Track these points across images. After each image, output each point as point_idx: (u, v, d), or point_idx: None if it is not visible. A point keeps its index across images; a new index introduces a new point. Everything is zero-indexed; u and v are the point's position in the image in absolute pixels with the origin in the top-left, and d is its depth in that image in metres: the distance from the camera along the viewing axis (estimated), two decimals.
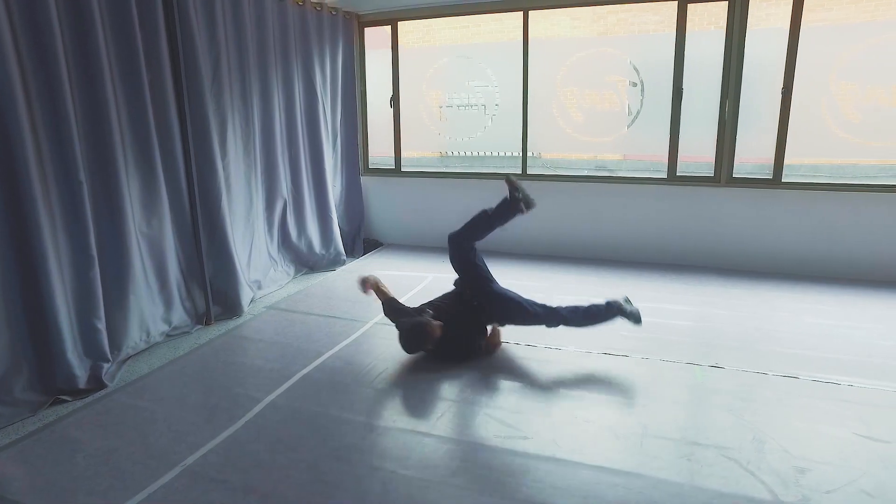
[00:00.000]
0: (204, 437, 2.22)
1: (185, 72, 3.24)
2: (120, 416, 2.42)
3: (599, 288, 4.01)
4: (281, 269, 4.39)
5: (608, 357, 2.94)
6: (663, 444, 2.17)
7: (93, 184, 2.80)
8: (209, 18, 3.45)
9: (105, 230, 2.88)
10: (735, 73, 4.11)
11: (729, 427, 2.28)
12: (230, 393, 2.58)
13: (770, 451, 2.12)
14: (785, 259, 4.26)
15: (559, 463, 2.06)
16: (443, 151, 9.25)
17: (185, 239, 3.40)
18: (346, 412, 2.41)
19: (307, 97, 4.49)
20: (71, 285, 2.70)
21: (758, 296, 3.83)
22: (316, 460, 2.07)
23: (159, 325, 3.22)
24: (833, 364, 2.82)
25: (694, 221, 4.44)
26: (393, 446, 2.17)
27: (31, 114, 2.50)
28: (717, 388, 2.62)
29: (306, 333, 3.29)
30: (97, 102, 2.77)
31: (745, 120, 4.20)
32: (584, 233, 4.77)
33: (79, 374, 2.66)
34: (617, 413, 2.40)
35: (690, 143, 4.41)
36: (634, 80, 4.54)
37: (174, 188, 3.29)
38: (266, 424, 2.32)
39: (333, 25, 4.74)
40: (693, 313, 3.53)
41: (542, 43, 4.82)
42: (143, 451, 2.14)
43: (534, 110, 4.79)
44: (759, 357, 2.92)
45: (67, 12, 2.64)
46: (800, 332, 3.21)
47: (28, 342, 2.57)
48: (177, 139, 3.25)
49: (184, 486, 1.94)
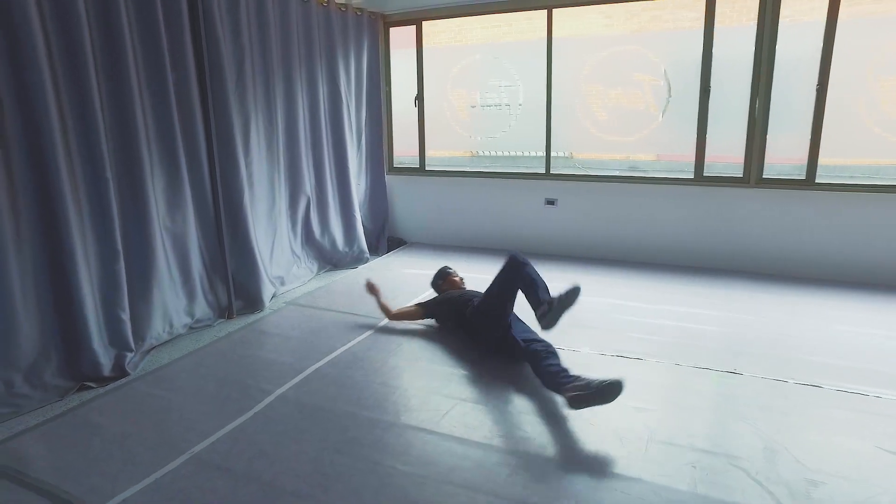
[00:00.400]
0: (213, 427, 2.29)
1: (210, 74, 3.35)
2: (138, 403, 2.52)
3: (621, 289, 3.94)
4: (304, 265, 4.48)
5: (622, 360, 2.88)
6: (669, 450, 2.12)
7: (119, 181, 2.93)
8: (234, 22, 3.55)
9: (130, 225, 3.00)
10: (766, 69, 3.97)
11: (741, 435, 2.21)
12: (243, 385, 2.65)
13: (782, 461, 2.04)
14: (817, 263, 4.08)
15: (558, 465, 2.03)
16: (473, 151, 9.27)
17: (209, 235, 3.51)
18: (353, 407, 2.44)
19: (331, 97, 4.57)
20: (97, 278, 2.83)
21: (786, 301, 3.68)
22: (318, 453, 2.11)
23: (182, 318, 3.33)
24: (861, 374, 2.69)
25: (721, 223, 4.30)
26: (395, 442, 2.19)
27: (62, 115, 2.63)
28: (733, 394, 2.53)
29: (322, 329, 3.35)
30: (124, 104, 2.89)
31: (776, 118, 4.04)
32: (607, 233, 4.69)
33: (103, 362, 2.78)
34: (625, 417, 2.35)
35: (720, 142, 4.28)
36: (661, 78, 4.43)
37: (198, 186, 3.40)
38: (274, 416, 2.38)
39: (358, 26, 4.81)
40: (716, 317, 3.42)
41: (569, 41, 4.76)
42: (156, 438, 2.22)
43: (559, 109, 4.74)
44: (782, 364, 2.81)
45: (97, 18, 2.76)
46: (828, 340, 3.08)
47: (57, 331, 2.71)
48: (201, 139, 3.36)
49: (190, 473, 2.00)
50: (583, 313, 3.52)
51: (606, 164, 5.80)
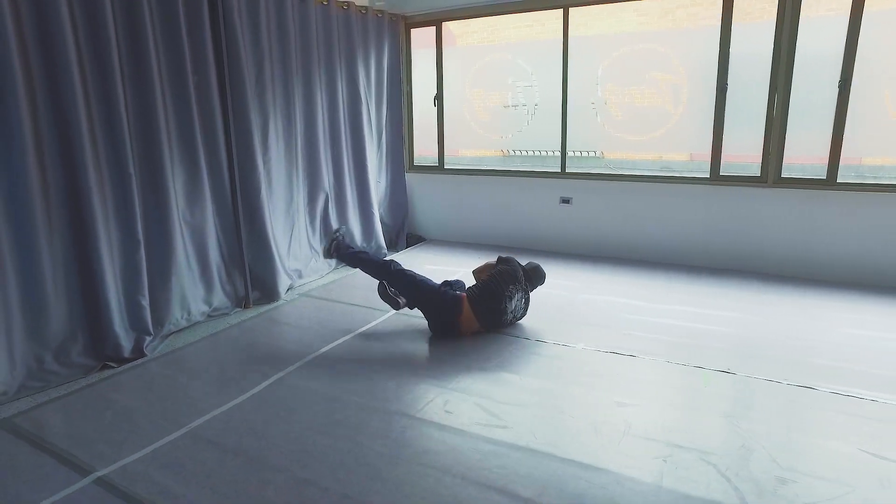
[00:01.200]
0: (212, 405, 2.46)
1: (229, 76, 3.55)
2: (149, 381, 2.72)
3: (631, 288, 3.93)
4: (323, 259, 4.65)
5: (615, 356, 2.90)
6: (644, 444, 2.14)
7: (141, 177, 3.15)
8: (253, 26, 3.74)
9: (151, 218, 3.22)
10: (785, 65, 3.87)
11: (720, 433, 2.21)
12: (246, 368, 2.82)
13: (757, 459, 2.03)
14: (836, 266, 3.95)
15: (530, 453, 2.09)
16: (505, 150, 9.30)
17: (227, 228, 3.72)
18: (343, 392, 2.57)
19: (351, 97, 4.72)
20: (119, 266, 3.06)
21: (799, 303, 3.59)
22: (303, 433, 2.24)
23: (200, 306, 3.55)
24: (862, 377, 2.62)
25: (737, 224, 4.21)
26: (377, 426, 2.29)
27: (90, 117, 2.86)
28: (721, 393, 2.52)
29: (329, 319, 3.50)
30: (147, 107, 3.11)
31: (796, 116, 3.93)
32: (622, 232, 4.66)
33: (124, 344, 3.01)
34: (605, 410, 2.39)
35: (739, 141, 4.19)
36: (680, 76, 4.38)
37: (217, 182, 3.60)
38: (269, 398, 2.53)
39: (379, 27, 4.95)
40: (722, 318, 3.37)
41: (590, 40, 4.76)
42: (160, 413, 2.41)
43: (576, 108, 4.74)
44: (780, 365, 2.76)
45: (123, 24, 2.98)
46: (835, 343, 3.00)
47: (83, 314, 2.95)
48: (220, 139, 3.56)
49: (185, 445, 2.17)
50: (588, 311, 3.55)
51: (637, 164, 5.75)
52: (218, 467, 2.03)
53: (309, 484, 1.94)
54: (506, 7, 4.74)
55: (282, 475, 1.99)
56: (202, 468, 2.03)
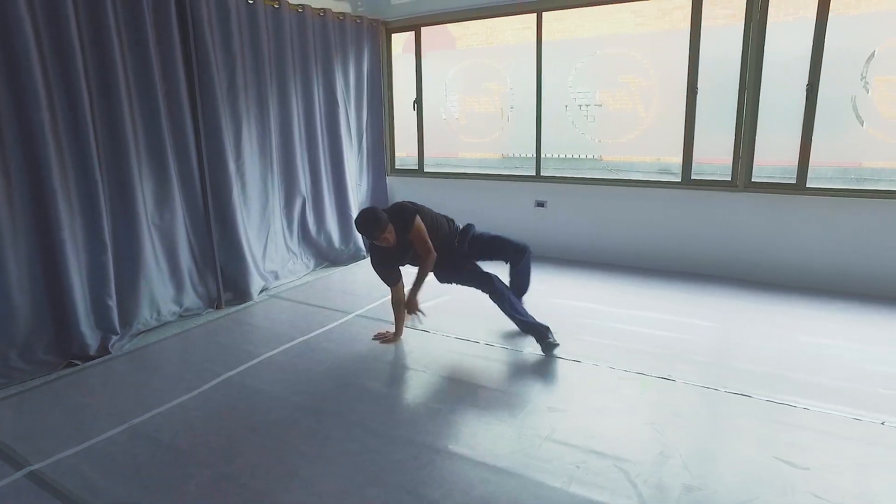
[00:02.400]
0: (158, 402, 2.56)
1: (200, 83, 3.65)
2: (106, 379, 2.84)
3: (602, 294, 3.93)
4: (301, 261, 4.75)
5: (559, 361, 2.93)
6: (561, 449, 2.17)
7: (109, 181, 3.27)
8: (225, 34, 3.84)
9: (119, 221, 3.34)
10: (754, 67, 3.83)
11: (642, 440, 2.23)
12: (198, 367, 2.92)
13: (670, 467, 2.05)
14: (806, 271, 3.90)
15: (444, 455, 2.14)
16: (504, 153, 9.28)
17: (199, 231, 3.83)
18: (285, 392, 2.65)
19: (328, 103, 4.81)
20: (86, 266, 3.18)
21: (763, 310, 3.56)
22: (236, 431, 2.33)
23: (170, 306, 3.67)
24: (803, 386, 2.61)
25: (708, 228, 4.19)
26: (308, 427, 2.36)
27: (55, 121, 2.96)
28: (656, 400, 2.53)
29: (290, 320, 3.59)
30: (113, 112, 3.22)
31: (767, 120, 3.90)
32: (595, 236, 4.67)
33: (90, 342, 3.13)
34: (533, 415, 2.42)
35: (711, 144, 4.17)
36: (651, 79, 4.37)
37: (188, 187, 3.72)
38: (214, 396, 2.62)
39: (358, 33, 5.03)
40: (682, 324, 3.37)
41: (566, 43, 4.78)
42: (107, 409, 2.52)
43: (556, 111, 4.76)
44: (724, 372, 2.76)
45: (87, 26, 3.07)
46: (787, 351, 2.98)
47: (49, 313, 3.08)
48: (191, 144, 3.67)
49: (122, 440, 2.27)
50: (545, 314, 3.56)
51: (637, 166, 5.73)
52: (148, 462, 2.13)
53: (228, 479, 2.01)
54: (480, 12, 4.78)
55: (206, 470, 2.07)
56: (132, 463, 2.12)
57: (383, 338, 3.23)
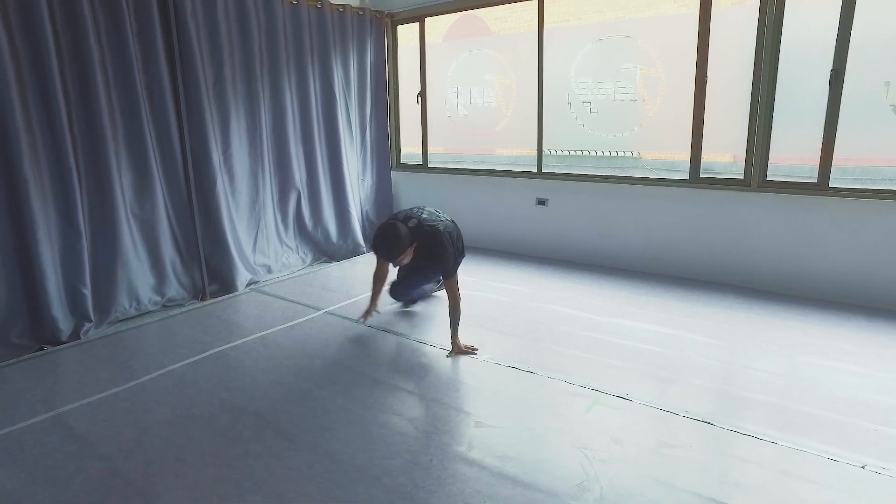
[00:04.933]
0: (94, 391, 2.57)
1: (183, 74, 3.68)
2: (55, 366, 2.89)
3: (592, 299, 3.64)
4: (297, 255, 4.73)
5: (512, 371, 2.70)
6: (468, 471, 1.97)
7: (85, 170, 3.33)
8: (211, 25, 3.83)
9: (96, 210, 3.41)
10: (770, 51, 3.40)
11: (564, 467, 1.98)
12: (150, 359, 2.93)
13: (583, 501, 1.80)
14: (826, 281, 3.44)
15: (341, 464, 1.99)
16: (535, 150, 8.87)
17: (183, 222, 3.86)
18: (216, 388, 2.59)
19: (325, 96, 4.75)
20: (59, 254, 3.26)
21: (769, 323, 3.17)
22: (152, 426, 2.28)
23: (151, 296, 3.72)
24: (783, 416, 2.26)
25: (716, 231, 3.78)
26: (225, 423, 2.29)
27: (26, 109, 3.02)
28: (598, 422, 2.26)
29: (259, 315, 3.55)
30: (89, 101, 3.27)
31: (784, 110, 3.46)
32: (598, 237, 4.35)
33: (63, 328, 3.22)
34: (456, 429, 2.22)
35: (720, 139, 3.76)
36: (655, 68, 4.00)
37: (171, 178, 3.75)
38: (149, 388, 2.60)
39: (360, 25, 4.94)
40: (664, 336, 3.05)
41: (568, 31, 4.47)
42: (42, 395, 2.54)
43: (551, 104, 4.47)
44: (692, 393, 2.45)
45: (63, 23, 3.13)
46: (781, 374, 2.61)
47: (22, 299, 3.18)
48: (174, 136, 3.70)
49: (43, 428, 2.27)
50: (520, 319, 3.35)
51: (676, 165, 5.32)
52: (51, 453, 2.11)
53: (117, 476, 1.97)
54: (481, 0, 4.55)
55: (101, 464, 2.03)
56: (37, 452, 2.12)
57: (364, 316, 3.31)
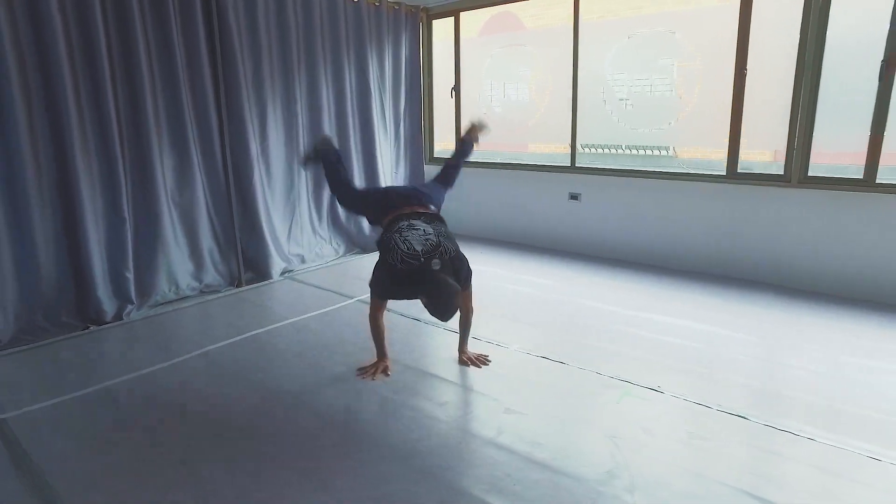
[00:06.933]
0: (134, 368, 2.67)
1: (224, 70, 3.78)
2: (99, 344, 3.02)
3: (624, 295, 3.60)
4: (330, 246, 4.81)
5: (544, 361, 2.70)
6: (498, 455, 1.97)
7: (130, 159, 3.47)
8: (251, 20, 3.93)
9: (139, 197, 3.54)
10: (816, 43, 3.30)
11: (593, 455, 1.97)
12: (187, 340, 3.02)
13: (612, 487, 1.79)
14: (871, 282, 3.32)
15: (365, 447, 2.02)
16: (567, 146, 8.82)
17: (221, 211, 3.97)
18: (247, 370, 2.65)
19: (360, 90, 4.80)
20: (105, 239, 3.40)
21: (809, 323, 3.07)
22: (185, 402, 2.36)
23: (190, 282, 3.84)
24: (819, 412, 2.20)
25: (754, 228, 3.68)
26: (249, 403, 2.34)
27: (79, 103, 3.18)
28: (629, 412, 2.24)
29: (292, 301, 3.62)
30: (136, 94, 3.40)
31: (828, 103, 3.35)
32: (631, 233, 4.29)
33: (107, 309, 3.35)
34: (487, 416, 2.23)
35: (759, 134, 3.67)
36: (692, 61, 3.92)
37: (210, 167, 3.87)
38: (183, 368, 2.68)
39: (396, 20, 4.99)
40: (698, 331, 2.99)
41: (603, 25, 4.43)
42: (87, 370, 2.66)
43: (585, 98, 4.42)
44: (724, 389, 2.40)
45: (114, 17, 3.28)
46: (822, 373, 2.53)
47: (71, 282, 3.32)
48: (214, 127, 3.82)
49: (89, 400, 2.38)
50: (548, 312, 3.33)
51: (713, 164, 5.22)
52: (100, 422, 2.21)
53: (160, 446, 2.03)
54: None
55: (145, 435, 2.12)
56: (87, 421, 2.22)
57: (370, 373, 2.57)
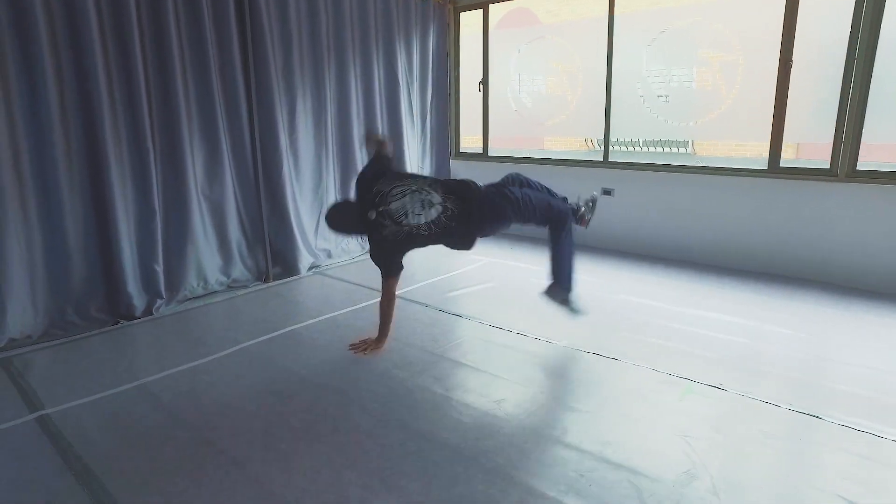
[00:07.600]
0: (173, 364, 2.58)
1: (254, 59, 3.70)
2: (132, 339, 2.94)
3: (666, 291, 3.51)
4: (357, 241, 4.72)
5: (596, 357, 2.61)
6: (568, 454, 1.89)
7: (161, 152, 3.39)
8: (281, 11, 3.86)
9: (169, 190, 3.45)
10: (870, 33, 3.21)
11: (668, 455, 1.88)
12: (222, 335, 2.94)
13: (694, 489, 1.70)
14: None
15: (434, 444, 1.94)
16: (589, 143, 8.77)
17: (250, 205, 3.89)
18: (294, 365, 2.57)
19: (388, 83, 4.72)
20: (136, 233, 3.31)
21: (860, 320, 2.99)
22: (234, 398, 2.28)
23: (218, 276, 3.75)
24: (889, 413, 2.11)
25: (798, 224, 3.60)
26: (303, 398, 2.26)
27: (112, 94, 3.09)
28: (697, 410, 2.15)
29: (326, 296, 3.54)
30: (167, 87, 3.31)
31: (879, 97, 3.26)
32: (667, 229, 4.20)
33: (137, 304, 3.27)
34: (551, 413, 2.15)
35: (804, 126, 3.58)
36: (732, 53, 3.83)
37: (239, 160, 3.78)
38: (226, 363, 2.60)
39: (424, 13, 4.91)
40: (747, 328, 2.91)
41: (637, 17, 4.34)
42: (123, 367, 2.57)
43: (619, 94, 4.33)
44: (791, 387, 2.32)
45: (146, 7, 3.21)
46: (887, 370, 2.44)
47: (101, 276, 3.23)
48: (244, 119, 3.73)
49: (129, 396, 2.30)
50: (595, 308, 3.24)
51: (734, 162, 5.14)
52: (142, 419, 2.13)
53: (207, 445, 1.95)
54: None
55: (189, 433, 2.03)
56: (129, 419, 2.13)
57: (360, 348, 2.64)
